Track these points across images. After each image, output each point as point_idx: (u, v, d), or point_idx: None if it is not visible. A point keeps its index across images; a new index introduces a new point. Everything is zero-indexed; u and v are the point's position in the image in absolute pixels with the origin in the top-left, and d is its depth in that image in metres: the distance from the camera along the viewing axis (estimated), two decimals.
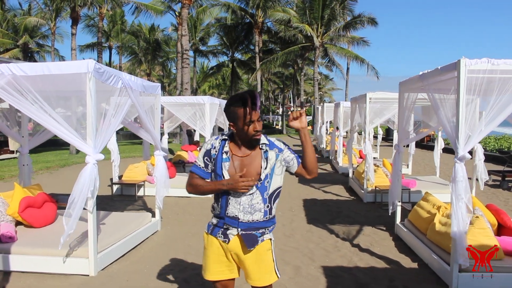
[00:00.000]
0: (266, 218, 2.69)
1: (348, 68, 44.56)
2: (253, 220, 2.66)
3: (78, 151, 19.99)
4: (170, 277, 4.84)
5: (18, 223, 5.81)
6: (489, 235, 4.66)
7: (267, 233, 2.74)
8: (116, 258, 5.39)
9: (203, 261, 2.85)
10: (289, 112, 2.44)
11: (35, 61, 39.40)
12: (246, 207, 2.64)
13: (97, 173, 4.74)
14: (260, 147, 2.69)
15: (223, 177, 2.64)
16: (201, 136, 19.95)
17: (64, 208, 6.79)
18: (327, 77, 59.25)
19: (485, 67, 4.20)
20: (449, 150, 21.02)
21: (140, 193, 9.85)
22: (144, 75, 40.14)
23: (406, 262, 5.41)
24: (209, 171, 2.74)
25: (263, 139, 2.71)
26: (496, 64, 4.19)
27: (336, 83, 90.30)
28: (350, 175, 11.37)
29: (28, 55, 39.66)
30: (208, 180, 2.74)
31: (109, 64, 41.02)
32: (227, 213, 2.66)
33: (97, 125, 4.77)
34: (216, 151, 2.70)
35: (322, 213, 8.19)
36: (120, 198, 9.54)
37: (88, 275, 4.81)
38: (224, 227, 2.70)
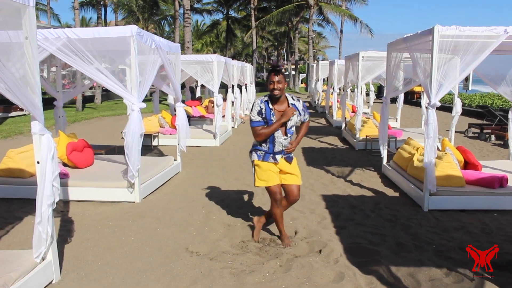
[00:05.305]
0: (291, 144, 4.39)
1: (342, 25, 44.93)
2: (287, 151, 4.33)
3: (83, 108, 20.87)
4: (198, 202, 6.01)
5: (63, 165, 6.89)
6: (454, 167, 5.84)
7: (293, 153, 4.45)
8: (151, 191, 6.54)
9: (263, 177, 4.29)
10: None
11: None
12: (283, 145, 4.24)
13: (141, 119, 5.80)
14: (289, 105, 4.22)
15: (273, 121, 4.12)
16: (202, 92, 20.95)
17: (99, 154, 7.94)
18: (320, 34, 59.38)
19: (453, 33, 5.23)
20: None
21: (155, 143, 10.96)
22: None
23: (390, 192, 6.63)
24: (263, 121, 4.16)
25: (290, 100, 4.24)
26: (462, 31, 5.22)
27: (329, 40, 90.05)
28: (343, 127, 12.53)
29: None
30: (265, 126, 4.16)
31: (105, 22, 40.91)
32: (275, 150, 4.24)
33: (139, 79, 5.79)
34: (264, 110, 4.14)
35: (319, 158, 9.38)
36: None
37: (134, 202, 5.97)
38: (273, 155, 4.27)
